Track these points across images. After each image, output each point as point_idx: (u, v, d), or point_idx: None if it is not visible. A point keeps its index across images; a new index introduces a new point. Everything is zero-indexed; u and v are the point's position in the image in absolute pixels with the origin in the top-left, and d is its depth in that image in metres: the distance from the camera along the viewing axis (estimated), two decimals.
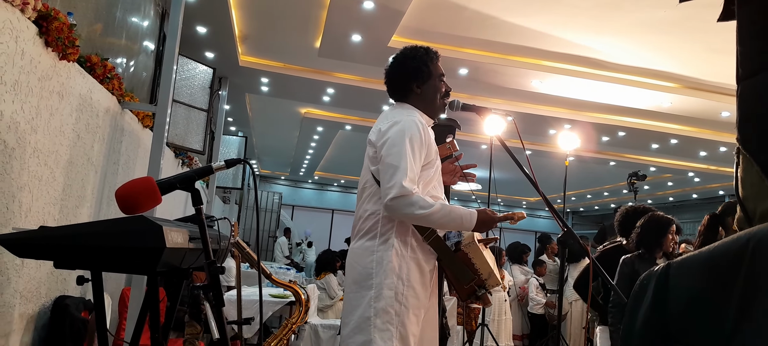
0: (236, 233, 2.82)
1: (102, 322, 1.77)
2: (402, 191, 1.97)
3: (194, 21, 5.60)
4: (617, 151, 10.36)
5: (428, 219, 2.01)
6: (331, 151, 12.64)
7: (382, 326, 2.00)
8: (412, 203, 1.98)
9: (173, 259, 1.74)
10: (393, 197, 1.98)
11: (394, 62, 2.32)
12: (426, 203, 1.99)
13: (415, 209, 1.98)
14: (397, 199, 1.97)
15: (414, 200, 1.98)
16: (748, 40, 0.98)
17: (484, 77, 6.98)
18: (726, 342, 0.69)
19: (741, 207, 0.96)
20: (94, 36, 3.38)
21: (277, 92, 8.10)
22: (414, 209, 1.98)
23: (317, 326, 4.77)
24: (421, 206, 1.98)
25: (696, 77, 6.71)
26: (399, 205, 1.98)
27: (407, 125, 2.10)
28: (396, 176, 1.99)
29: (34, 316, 2.63)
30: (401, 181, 1.98)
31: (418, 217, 2.01)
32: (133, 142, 4.03)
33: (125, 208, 1.66)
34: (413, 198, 1.98)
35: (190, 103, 5.40)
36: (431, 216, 2.00)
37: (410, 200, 1.98)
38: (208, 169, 1.87)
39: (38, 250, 1.65)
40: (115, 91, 3.45)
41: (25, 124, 2.36)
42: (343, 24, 5.67)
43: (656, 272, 0.85)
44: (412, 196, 1.98)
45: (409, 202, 1.98)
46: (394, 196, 1.97)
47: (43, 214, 2.63)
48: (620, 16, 5.31)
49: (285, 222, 16.54)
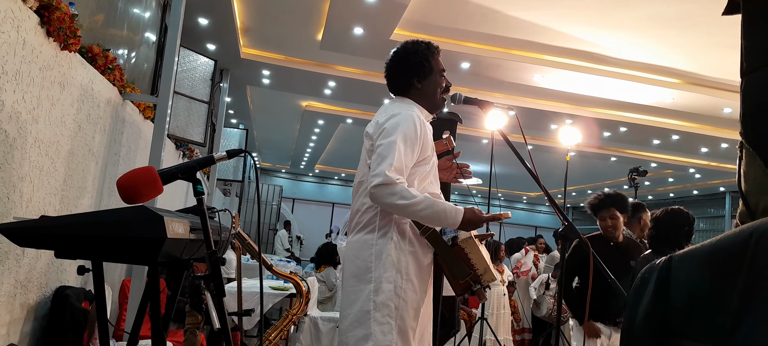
0: (237, 225, 2.82)
1: (102, 312, 1.77)
2: (385, 179, 1.97)
3: (196, 12, 5.59)
4: (618, 147, 10.36)
5: (409, 210, 2.00)
6: (332, 144, 12.63)
7: (381, 320, 2.01)
8: (394, 193, 1.97)
9: (174, 249, 1.73)
10: (376, 185, 1.98)
11: (395, 56, 2.31)
12: (408, 194, 1.98)
13: (396, 199, 1.97)
14: (380, 186, 1.97)
15: (396, 189, 1.97)
16: (752, 35, 0.97)
17: (485, 71, 6.97)
18: (728, 335, 0.69)
19: (743, 202, 0.96)
20: (95, 26, 3.38)
21: (278, 85, 8.09)
22: (395, 198, 1.97)
23: (317, 318, 4.78)
24: (402, 196, 1.97)
25: (698, 73, 6.69)
26: (381, 193, 1.98)
27: (404, 118, 2.10)
28: (382, 165, 2.00)
29: (35, 306, 2.63)
30: (385, 170, 1.98)
31: (399, 207, 2.00)
32: (134, 133, 4.03)
33: (126, 197, 1.66)
34: (396, 187, 1.97)
35: (191, 95, 5.40)
36: (412, 207, 1.99)
37: (393, 190, 1.97)
38: (209, 159, 1.87)
39: (39, 239, 1.64)
40: (116, 82, 3.45)
41: (26, 115, 2.36)
42: (345, 17, 5.65)
43: (658, 265, 0.85)
44: (395, 185, 1.97)
45: (392, 191, 1.97)
46: (378, 183, 1.98)
47: (43, 204, 2.63)
48: (623, 10, 5.29)
49: (285, 215, 16.55)
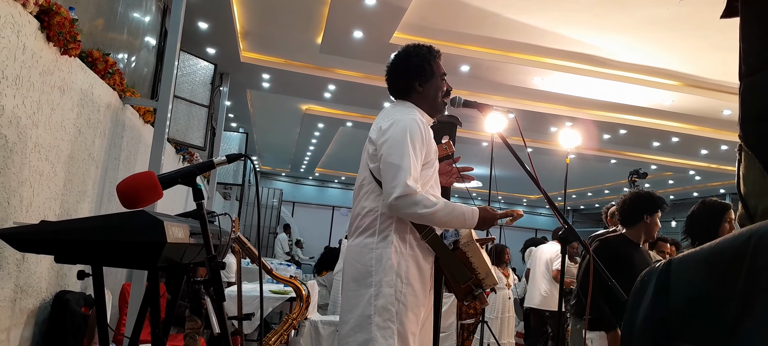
0: (237, 229, 2.82)
1: (102, 317, 1.77)
2: (406, 190, 1.97)
3: (196, 17, 5.59)
4: (618, 149, 10.35)
5: (432, 218, 2.02)
6: (332, 147, 12.64)
7: (382, 324, 2.00)
8: (417, 203, 1.98)
9: (174, 254, 1.74)
10: (397, 196, 1.98)
11: (396, 60, 2.31)
12: (429, 202, 2.00)
13: (419, 209, 1.99)
14: (402, 198, 1.98)
15: (418, 199, 1.98)
16: (751, 38, 0.97)
17: (485, 74, 6.97)
18: (727, 338, 0.69)
19: (743, 204, 0.96)
20: (95, 31, 3.38)
21: (278, 88, 8.09)
22: (418, 208, 1.98)
23: (317, 322, 4.77)
24: (425, 205, 1.99)
25: (698, 75, 6.70)
26: (403, 204, 1.98)
27: (408, 124, 2.10)
28: (399, 176, 1.99)
29: (35, 311, 2.63)
30: (405, 180, 1.98)
31: (421, 216, 2.01)
32: (134, 137, 4.03)
33: (126, 202, 1.66)
34: (417, 197, 1.98)
35: (191, 99, 5.40)
36: (435, 215, 2.01)
37: (414, 199, 1.98)
38: (209, 163, 1.87)
39: (39, 244, 1.64)
40: (116, 87, 3.45)
41: (26, 119, 2.36)
42: (345, 20, 5.66)
43: (657, 269, 0.85)
44: (416, 195, 1.98)
45: (414, 201, 1.98)
46: (399, 195, 1.97)
47: (44, 209, 2.63)
48: (622, 13, 5.29)
49: (285, 219, 16.55)
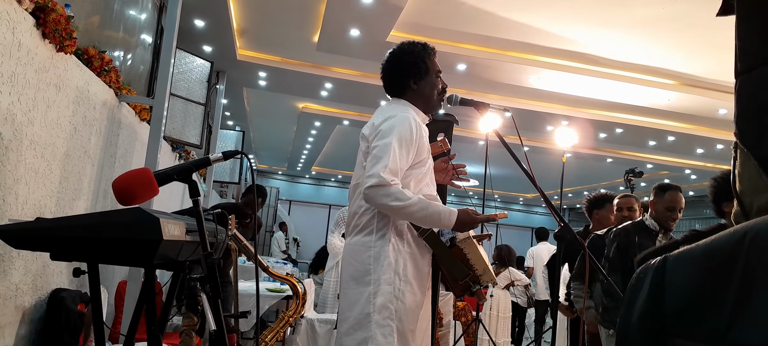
0: (233, 226, 2.82)
1: (98, 315, 1.77)
2: (380, 181, 1.97)
3: (192, 14, 5.58)
4: (614, 148, 10.38)
5: (403, 211, 2.01)
6: (329, 146, 12.62)
7: (382, 322, 2.01)
8: (389, 194, 1.98)
9: (170, 251, 1.73)
10: (371, 186, 1.98)
11: (391, 57, 2.31)
12: (403, 196, 1.99)
13: (390, 200, 1.98)
14: (374, 188, 1.98)
15: (391, 191, 1.98)
16: (746, 35, 0.98)
17: (481, 73, 6.98)
18: (722, 335, 0.69)
19: (738, 202, 0.96)
20: (91, 28, 3.37)
21: (274, 86, 8.08)
22: (389, 199, 1.98)
23: (313, 320, 4.77)
24: (397, 197, 1.98)
25: (694, 74, 6.72)
26: (375, 194, 1.98)
27: (399, 120, 2.10)
28: (377, 166, 2.00)
29: (31, 308, 2.62)
30: (380, 171, 1.98)
31: (393, 208, 2.00)
32: (130, 135, 4.02)
33: (122, 198, 1.66)
34: (390, 189, 1.98)
35: (188, 96, 5.39)
36: (407, 209, 1.99)
37: (387, 191, 1.98)
38: (205, 160, 1.86)
39: (34, 241, 1.63)
40: (112, 84, 3.44)
41: (21, 117, 2.35)
42: (342, 18, 5.66)
43: (653, 266, 0.85)
44: (389, 186, 1.98)
45: (386, 192, 1.98)
46: (372, 185, 1.98)
47: (39, 206, 2.62)
48: (618, 12, 5.31)
49: (282, 217, 16.53)
